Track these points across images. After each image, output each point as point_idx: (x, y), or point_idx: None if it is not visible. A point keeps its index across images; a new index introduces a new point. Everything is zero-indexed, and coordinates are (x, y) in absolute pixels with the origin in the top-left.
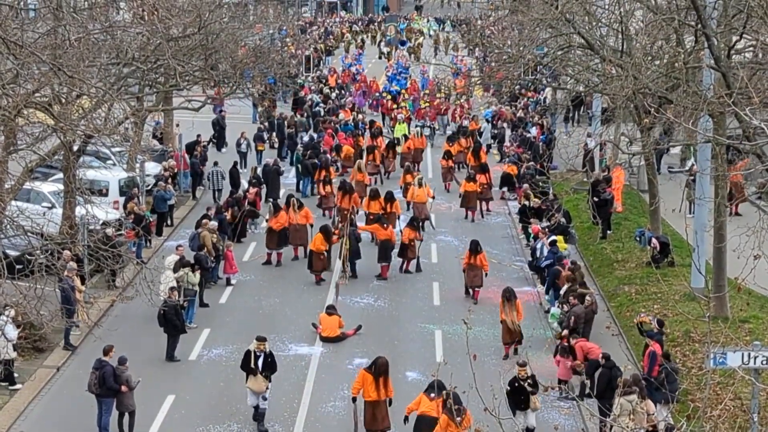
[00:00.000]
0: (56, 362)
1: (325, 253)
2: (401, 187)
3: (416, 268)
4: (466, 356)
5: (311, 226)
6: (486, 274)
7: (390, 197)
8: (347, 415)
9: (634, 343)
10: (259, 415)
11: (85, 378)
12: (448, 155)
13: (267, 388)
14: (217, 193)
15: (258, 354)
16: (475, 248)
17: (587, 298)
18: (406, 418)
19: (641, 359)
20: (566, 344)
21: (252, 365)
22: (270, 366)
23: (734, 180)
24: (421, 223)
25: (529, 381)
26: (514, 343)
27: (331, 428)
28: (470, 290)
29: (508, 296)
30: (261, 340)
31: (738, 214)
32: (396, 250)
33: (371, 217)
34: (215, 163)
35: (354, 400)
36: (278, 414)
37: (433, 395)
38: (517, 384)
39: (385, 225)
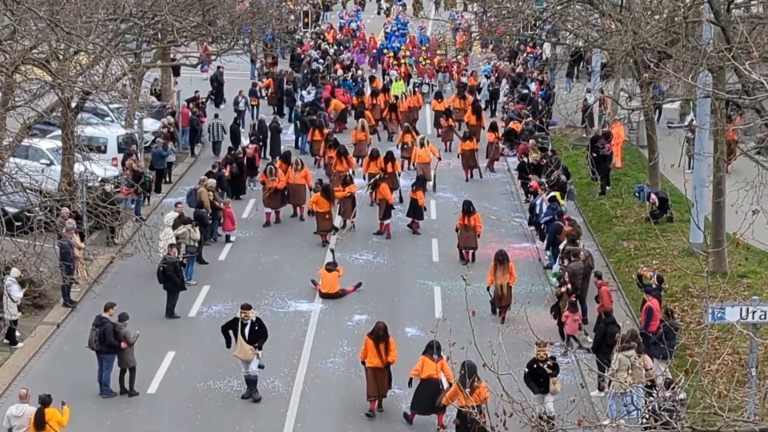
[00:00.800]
0: (56, 319)
1: (329, 213)
2: (398, 146)
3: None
4: (465, 312)
5: (310, 189)
6: (479, 235)
7: (390, 157)
8: (347, 371)
9: (633, 298)
10: (251, 381)
11: (85, 334)
12: (447, 113)
13: (257, 357)
14: (216, 145)
15: (244, 322)
16: (467, 209)
17: (581, 254)
18: (410, 381)
19: (640, 314)
20: (574, 299)
21: (239, 333)
22: (257, 335)
23: (729, 138)
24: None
25: (548, 363)
26: (505, 307)
27: (330, 384)
28: (464, 252)
29: (501, 259)
30: (246, 308)
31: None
32: (392, 208)
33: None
34: (216, 116)
35: (363, 363)
36: (278, 370)
37: (435, 356)
38: (535, 365)
39: (379, 183)
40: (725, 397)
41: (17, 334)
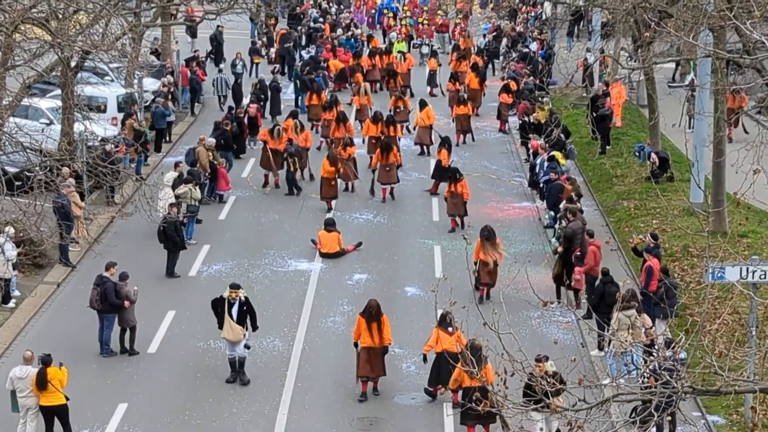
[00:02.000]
0: (56, 278)
1: (336, 180)
2: (390, 111)
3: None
4: (465, 272)
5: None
6: (466, 202)
7: (391, 121)
8: (347, 330)
9: (633, 258)
10: (238, 363)
11: (85, 294)
12: (454, 78)
13: (245, 337)
14: (221, 99)
15: (232, 302)
16: (454, 176)
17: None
18: (425, 357)
19: (640, 274)
20: (579, 253)
21: (227, 314)
22: (246, 315)
23: (732, 106)
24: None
25: (548, 380)
26: (489, 285)
27: (330, 343)
28: (454, 219)
29: (488, 236)
30: (234, 287)
31: (730, 140)
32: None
33: (373, 141)
34: (220, 70)
35: (355, 345)
36: (278, 329)
37: (450, 329)
38: (533, 381)
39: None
40: (725, 356)
41: (17, 293)
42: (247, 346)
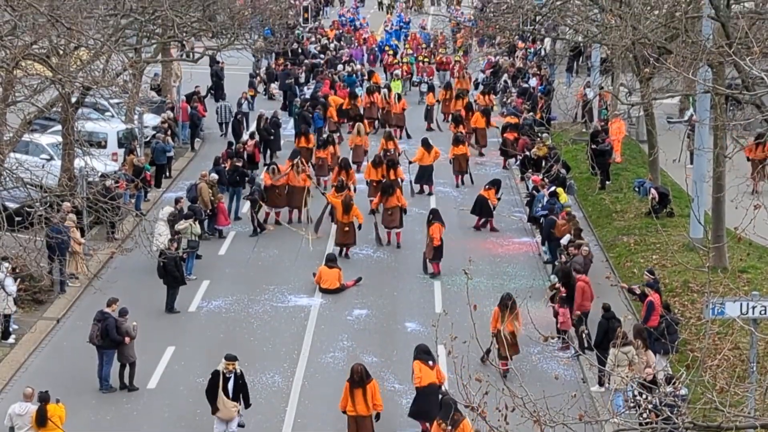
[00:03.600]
0: (56, 314)
1: (350, 225)
2: (380, 153)
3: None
4: (465, 306)
5: (308, 191)
6: (434, 248)
7: (392, 164)
8: (347, 366)
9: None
10: None
11: (85, 329)
12: (456, 120)
13: (239, 413)
14: (224, 126)
15: (227, 376)
16: (429, 219)
17: (584, 248)
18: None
19: (641, 310)
20: (564, 295)
21: (221, 389)
22: (241, 390)
23: (756, 157)
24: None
25: None
26: (508, 358)
27: (330, 379)
28: (429, 263)
29: (509, 306)
30: (230, 359)
31: (756, 191)
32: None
33: (374, 184)
34: (223, 98)
35: (344, 412)
36: (278, 365)
37: (431, 363)
38: None
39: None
40: (726, 392)
41: (15, 327)
42: (241, 425)
